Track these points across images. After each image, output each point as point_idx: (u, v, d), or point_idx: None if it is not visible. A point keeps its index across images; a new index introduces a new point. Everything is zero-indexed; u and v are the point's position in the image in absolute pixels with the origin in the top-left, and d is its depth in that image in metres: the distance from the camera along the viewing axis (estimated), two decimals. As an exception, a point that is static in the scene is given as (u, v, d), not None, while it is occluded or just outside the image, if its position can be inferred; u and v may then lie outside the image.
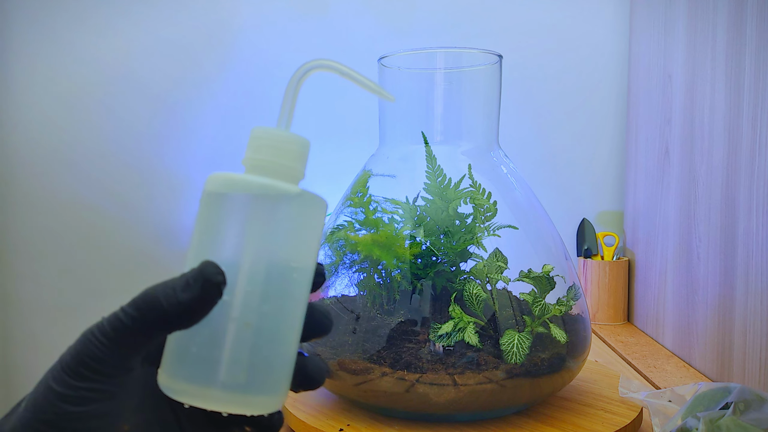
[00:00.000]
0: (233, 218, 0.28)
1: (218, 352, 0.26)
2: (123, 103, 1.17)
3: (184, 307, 0.25)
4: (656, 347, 0.86)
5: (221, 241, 0.28)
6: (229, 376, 0.26)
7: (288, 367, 0.28)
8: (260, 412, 0.28)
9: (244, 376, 0.27)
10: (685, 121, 0.80)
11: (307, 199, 0.30)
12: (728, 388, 0.44)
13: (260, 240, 0.28)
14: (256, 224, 0.28)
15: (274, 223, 0.28)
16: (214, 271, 0.26)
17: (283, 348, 0.28)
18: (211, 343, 0.27)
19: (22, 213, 1.19)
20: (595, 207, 1.14)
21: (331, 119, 1.16)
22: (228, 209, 0.28)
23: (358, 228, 0.56)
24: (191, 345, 0.27)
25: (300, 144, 0.31)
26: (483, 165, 0.58)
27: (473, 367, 0.48)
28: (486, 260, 0.53)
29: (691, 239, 0.78)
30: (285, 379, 0.28)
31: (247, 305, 0.27)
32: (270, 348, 0.27)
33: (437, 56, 0.57)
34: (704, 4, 0.74)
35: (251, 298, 0.27)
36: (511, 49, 1.12)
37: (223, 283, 0.26)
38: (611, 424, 0.50)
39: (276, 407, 0.28)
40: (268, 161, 0.29)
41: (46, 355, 1.20)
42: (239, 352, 0.27)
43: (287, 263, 0.28)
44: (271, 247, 0.28)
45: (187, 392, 0.27)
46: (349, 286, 0.55)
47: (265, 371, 0.27)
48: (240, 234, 0.28)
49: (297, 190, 0.29)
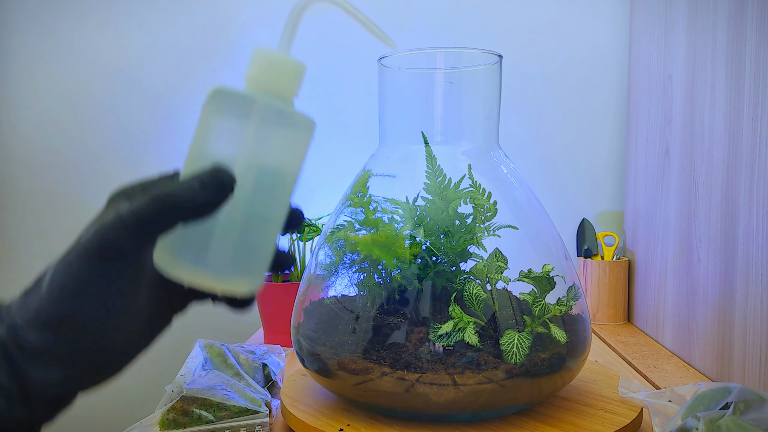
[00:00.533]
0: (231, 126, 0.32)
1: (213, 239, 0.32)
2: (123, 103, 1.17)
3: (202, 204, 0.30)
4: (656, 347, 0.86)
5: (220, 145, 0.32)
6: (220, 258, 0.32)
7: (268, 256, 0.34)
8: (243, 291, 0.33)
9: (232, 260, 0.32)
10: (686, 121, 0.80)
11: (298, 116, 0.33)
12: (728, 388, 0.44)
13: (255, 146, 0.32)
14: (251, 132, 0.32)
15: (267, 132, 0.32)
16: (228, 174, 0.31)
17: (267, 239, 0.34)
18: (207, 230, 0.32)
19: (22, 213, 1.19)
20: (595, 207, 1.14)
21: (330, 119, 1.16)
22: (227, 118, 0.32)
23: (358, 228, 0.56)
24: (191, 232, 0.32)
25: (296, 66, 0.34)
26: (483, 165, 0.58)
27: (473, 367, 0.48)
28: (486, 260, 0.53)
29: (691, 239, 0.78)
30: (264, 266, 0.34)
31: (240, 201, 0.32)
32: (256, 238, 0.33)
33: (437, 56, 0.57)
34: (704, 4, 0.74)
35: (244, 195, 0.32)
36: (511, 49, 1.12)
37: (234, 183, 0.31)
38: (611, 424, 0.50)
39: (256, 287, 0.34)
40: (265, 78, 0.32)
41: (46, 355, 1.20)
42: (230, 240, 0.32)
43: (277, 169, 0.33)
44: (264, 153, 0.32)
45: (184, 270, 0.32)
46: (349, 286, 0.55)
47: (250, 257, 0.33)
48: (237, 140, 0.32)
49: (290, 107, 0.33)
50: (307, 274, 0.60)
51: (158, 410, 0.54)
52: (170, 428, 0.53)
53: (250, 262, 0.33)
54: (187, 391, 0.54)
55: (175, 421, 0.53)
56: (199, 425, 0.53)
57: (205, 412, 0.53)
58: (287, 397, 0.58)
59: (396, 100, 0.59)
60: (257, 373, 0.63)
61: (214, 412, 0.53)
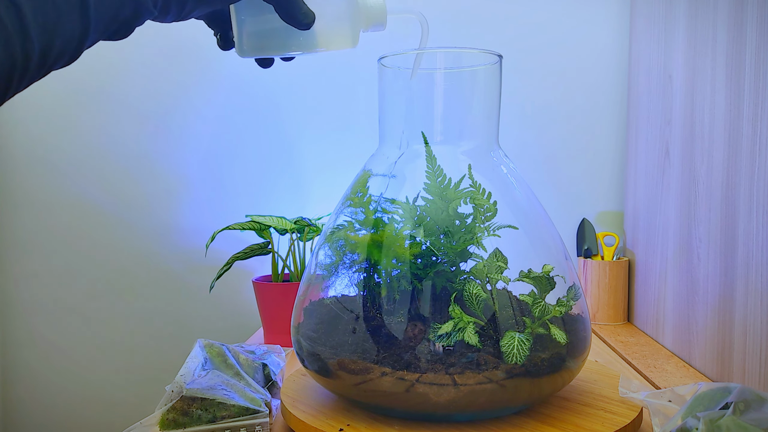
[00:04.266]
0: None
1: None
2: (122, 103, 1.17)
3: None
4: (656, 347, 0.86)
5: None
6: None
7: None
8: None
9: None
10: (686, 121, 0.80)
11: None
12: (728, 388, 0.44)
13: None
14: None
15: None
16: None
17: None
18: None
19: (22, 213, 1.19)
20: (595, 207, 1.14)
21: (331, 119, 1.16)
22: None
23: (358, 228, 0.56)
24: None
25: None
26: (483, 165, 0.58)
27: (473, 367, 0.48)
28: (486, 260, 0.53)
29: (691, 239, 0.78)
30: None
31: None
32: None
33: (437, 56, 0.57)
34: (704, 4, 0.74)
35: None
36: (511, 49, 1.12)
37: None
38: (611, 424, 0.50)
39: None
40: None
41: (46, 355, 1.20)
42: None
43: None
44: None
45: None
46: (349, 286, 0.55)
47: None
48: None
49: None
50: (307, 274, 0.60)
51: (158, 410, 0.54)
52: (170, 428, 0.53)
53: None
54: (187, 391, 0.54)
55: (175, 421, 0.53)
56: (199, 425, 0.53)
57: (205, 412, 0.53)
58: (287, 397, 0.58)
59: (396, 100, 0.59)
60: (257, 373, 0.63)
61: (214, 412, 0.53)
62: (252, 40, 0.47)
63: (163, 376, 1.17)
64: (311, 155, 1.17)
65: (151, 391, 1.20)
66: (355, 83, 1.15)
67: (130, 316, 1.19)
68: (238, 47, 0.48)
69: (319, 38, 0.47)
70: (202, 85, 1.16)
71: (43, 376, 1.21)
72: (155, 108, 1.17)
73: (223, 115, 1.17)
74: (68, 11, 0.34)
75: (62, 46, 0.34)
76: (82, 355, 1.20)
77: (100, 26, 0.36)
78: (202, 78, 1.16)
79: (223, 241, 1.12)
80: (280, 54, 0.49)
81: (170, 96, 1.16)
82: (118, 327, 1.19)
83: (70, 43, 0.35)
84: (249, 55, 0.48)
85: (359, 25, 0.49)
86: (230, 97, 1.16)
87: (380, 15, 0.49)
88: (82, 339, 1.20)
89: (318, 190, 1.17)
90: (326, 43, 0.48)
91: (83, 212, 1.18)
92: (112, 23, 0.37)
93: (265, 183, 1.17)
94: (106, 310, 1.19)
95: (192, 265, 1.18)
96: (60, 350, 1.20)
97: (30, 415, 1.22)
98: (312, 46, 0.48)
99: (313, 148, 1.17)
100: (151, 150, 1.17)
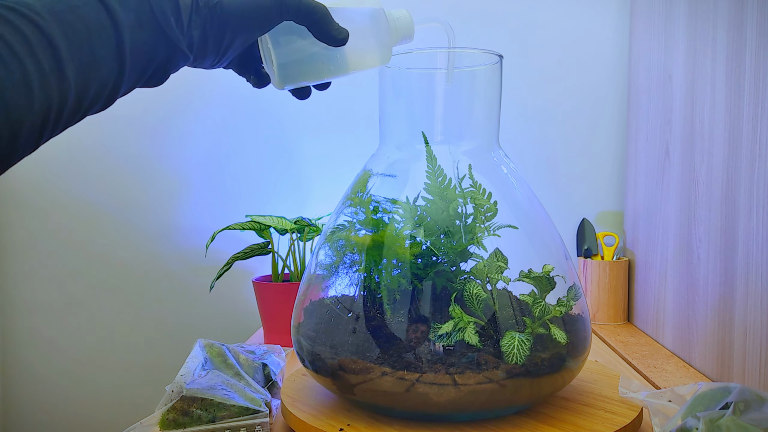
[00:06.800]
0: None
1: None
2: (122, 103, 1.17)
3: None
4: (656, 347, 0.86)
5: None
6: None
7: None
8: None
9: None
10: (686, 121, 0.80)
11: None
12: (728, 388, 0.44)
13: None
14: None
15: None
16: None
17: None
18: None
19: (22, 213, 1.19)
20: (595, 207, 1.14)
21: (331, 119, 1.16)
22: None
23: (358, 228, 0.56)
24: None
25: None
26: (483, 165, 0.58)
27: (473, 367, 0.48)
28: (486, 260, 0.53)
29: (691, 239, 0.78)
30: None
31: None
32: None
33: (437, 56, 0.57)
34: (704, 4, 0.74)
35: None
36: (512, 48, 1.12)
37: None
38: (611, 424, 0.50)
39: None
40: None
41: (46, 355, 1.20)
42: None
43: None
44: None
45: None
46: (349, 286, 0.55)
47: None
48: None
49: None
50: (307, 274, 0.60)
51: (158, 410, 0.54)
52: (170, 428, 0.53)
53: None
54: (187, 391, 0.54)
55: (175, 421, 0.53)
56: (199, 425, 0.53)
57: (205, 412, 0.53)
58: (287, 397, 0.58)
59: (396, 100, 0.59)
60: (257, 373, 0.63)
61: (214, 412, 0.53)
62: (289, 70, 0.46)
63: (163, 376, 1.17)
64: (311, 155, 1.17)
65: (151, 391, 1.20)
66: (356, 83, 1.15)
67: (131, 316, 1.19)
68: (275, 79, 0.47)
69: (354, 58, 0.48)
70: (203, 85, 1.16)
71: (43, 376, 1.21)
72: (155, 108, 1.17)
73: (223, 115, 1.17)
74: (104, 54, 0.34)
75: (98, 89, 0.34)
76: (82, 355, 1.20)
77: (135, 69, 0.36)
78: (203, 79, 1.16)
79: (223, 241, 1.12)
80: (318, 80, 0.48)
81: (171, 97, 1.16)
82: (118, 327, 1.19)
83: (106, 85, 0.35)
84: (288, 84, 0.48)
85: (390, 41, 0.49)
86: (230, 98, 1.16)
87: (408, 27, 0.50)
88: (82, 339, 1.20)
89: (318, 190, 1.17)
90: (361, 62, 0.48)
91: (83, 212, 1.18)
92: (148, 66, 0.37)
93: (265, 183, 1.17)
94: (106, 310, 1.19)
95: (192, 265, 1.18)
96: (60, 350, 1.20)
97: (30, 415, 1.22)
98: (347, 68, 0.48)
99: (313, 148, 1.17)
100: (152, 150, 1.17)
